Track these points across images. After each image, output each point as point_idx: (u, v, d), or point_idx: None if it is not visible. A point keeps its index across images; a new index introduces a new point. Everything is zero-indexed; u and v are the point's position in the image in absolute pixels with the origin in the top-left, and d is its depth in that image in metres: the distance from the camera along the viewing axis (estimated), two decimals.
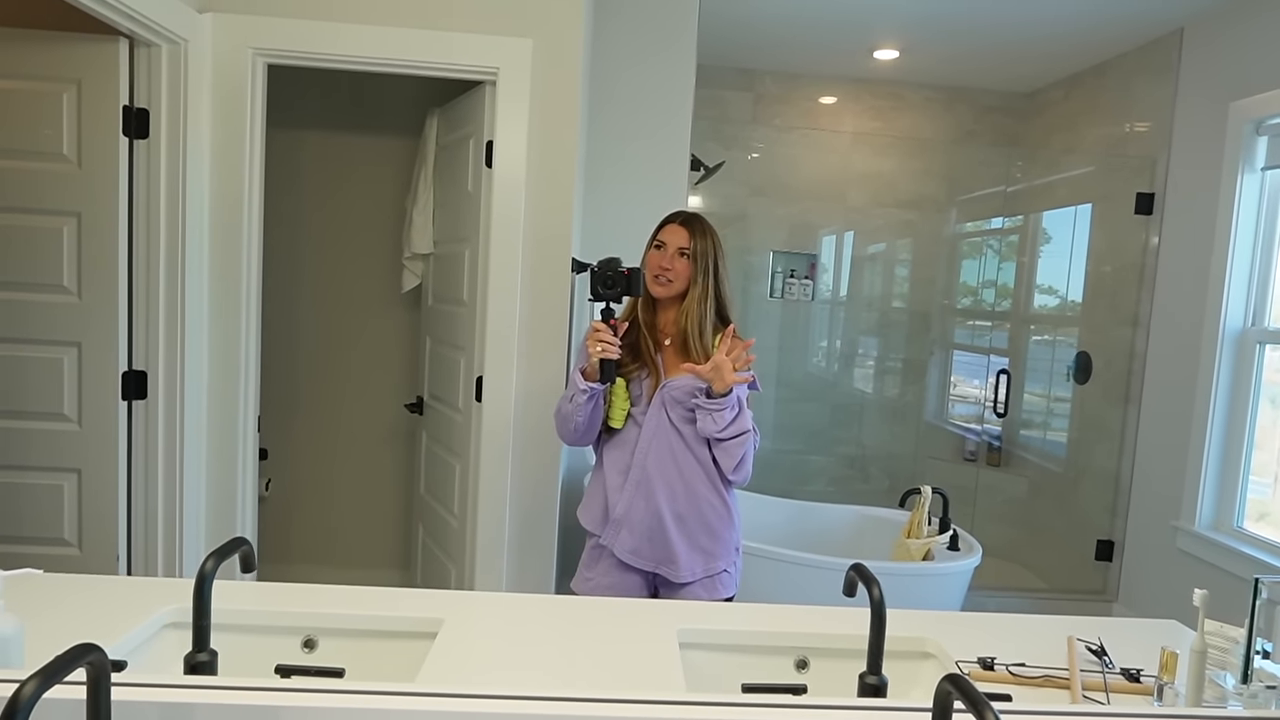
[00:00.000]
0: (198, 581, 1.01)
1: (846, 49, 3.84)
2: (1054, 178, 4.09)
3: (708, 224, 1.92)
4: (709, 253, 1.87)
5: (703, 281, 1.86)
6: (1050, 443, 4.08)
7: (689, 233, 1.87)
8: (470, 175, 2.54)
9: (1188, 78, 3.32)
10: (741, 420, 1.82)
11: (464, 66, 2.33)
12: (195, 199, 2.24)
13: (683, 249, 1.86)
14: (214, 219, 2.30)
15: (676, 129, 3.01)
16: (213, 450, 2.36)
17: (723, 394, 1.77)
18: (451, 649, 1.26)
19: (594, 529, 1.93)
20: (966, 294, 4.37)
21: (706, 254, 1.86)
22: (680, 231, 1.88)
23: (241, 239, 2.32)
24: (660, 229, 1.92)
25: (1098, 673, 1.32)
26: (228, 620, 1.34)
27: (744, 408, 1.83)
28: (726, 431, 1.81)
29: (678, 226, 1.89)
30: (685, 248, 1.86)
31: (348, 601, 1.41)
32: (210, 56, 2.25)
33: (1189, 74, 3.31)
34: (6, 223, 2.07)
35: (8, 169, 2.05)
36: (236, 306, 2.33)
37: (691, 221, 1.90)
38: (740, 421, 1.82)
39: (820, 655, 1.41)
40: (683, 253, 1.86)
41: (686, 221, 1.90)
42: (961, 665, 1.33)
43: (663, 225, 1.92)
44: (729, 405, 1.79)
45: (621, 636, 1.35)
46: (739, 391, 1.82)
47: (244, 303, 2.34)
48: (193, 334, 2.26)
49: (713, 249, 1.88)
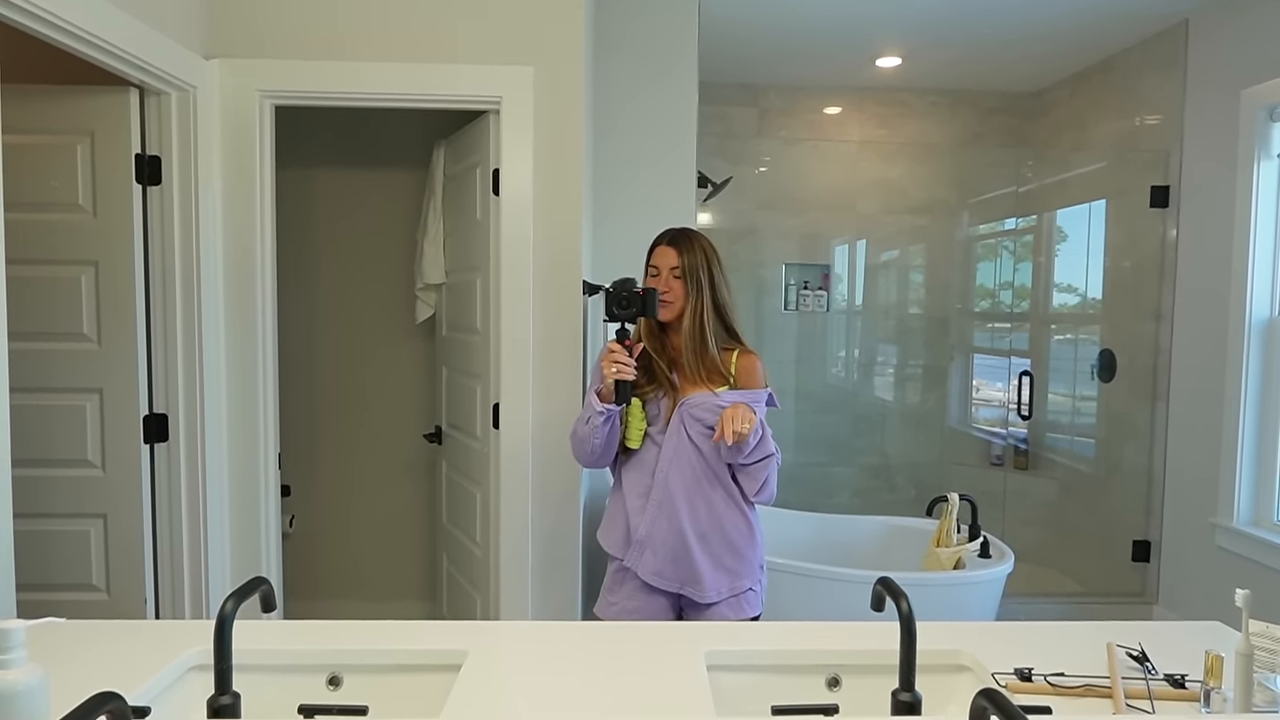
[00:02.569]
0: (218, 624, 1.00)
1: (849, 58, 3.84)
2: (1066, 175, 4.05)
3: (696, 236, 1.89)
4: (698, 266, 1.84)
5: (696, 297, 1.84)
6: (1078, 443, 4.02)
7: (677, 251, 1.86)
8: (478, 204, 2.56)
9: (1196, 68, 3.29)
10: (764, 444, 1.80)
11: (467, 97, 2.35)
12: (209, 242, 2.26)
13: (674, 269, 1.85)
14: (228, 260, 2.32)
15: (682, 147, 3.01)
16: (235, 489, 2.37)
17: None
18: (476, 681, 1.25)
19: (616, 552, 1.91)
20: (984, 296, 4.33)
21: (696, 268, 1.84)
22: (669, 252, 1.87)
23: (255, 279, 2.34)
24: (651, 252, 1.92)
25: (1140, 680, 1.28)
26: (252, 660, 1.33)
27: (766, 430, 1.81)
28: (751, 457, 1.79)
29: (665, 248, 1.88)
30: (675, 267, 1.85)
31: (371, 636, 1.40)
32: (218, 101, 2.29)
33: (1197, 65, 3.28)
34: (28, 274, 2.10)
35: (26, 221, 2.08)
36: (253, 346, 2.35)
37: (678, 239, 1.88)
38: (763, 445, 1.80)
39: (852, 672, 1.38)
40: (675, 273, 1.85)
41: (673, 240, 1.88)
42: (998, 677, 1.29)
43: (652, 249, 1.92)
44: (750, 432, 1.77)
45: (647, 661, 1.32)
46: (759, 413, 1.80)
47: (260, 342, 2.36)
48: (211, 375, 2.28)
49: (704, 261, 1.85)
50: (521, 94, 2.35)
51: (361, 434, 3.38)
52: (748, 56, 3.83)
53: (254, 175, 2.32)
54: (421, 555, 3.42)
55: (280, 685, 1.33)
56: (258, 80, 2.30)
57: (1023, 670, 1.30)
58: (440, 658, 1.36)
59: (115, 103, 2.15)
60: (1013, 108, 4.33)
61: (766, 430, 1.81)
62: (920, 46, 3.67)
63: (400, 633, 1.42)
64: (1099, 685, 1.26)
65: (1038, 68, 3.95)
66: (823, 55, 3.79)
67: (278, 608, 2.49)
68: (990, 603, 2.83)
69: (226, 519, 2.35)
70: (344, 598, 3.41)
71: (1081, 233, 3.97)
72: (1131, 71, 3.64)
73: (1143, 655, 1.35)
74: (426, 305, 3.08)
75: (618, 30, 2.97)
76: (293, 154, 3.26)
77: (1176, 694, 1.24)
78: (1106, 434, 3.83)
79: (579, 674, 1.28)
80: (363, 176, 3.33)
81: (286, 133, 3.20)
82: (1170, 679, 1.28)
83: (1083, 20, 3.35)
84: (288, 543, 3.31)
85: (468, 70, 2.33)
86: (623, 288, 1.78)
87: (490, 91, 2.34)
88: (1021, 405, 3.85)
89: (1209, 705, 1.17)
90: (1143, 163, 3.53)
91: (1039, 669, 1.31)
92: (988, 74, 4.05)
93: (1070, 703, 1.22)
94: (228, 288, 2.33)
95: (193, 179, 2.22)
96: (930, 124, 4.31)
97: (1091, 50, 3.71)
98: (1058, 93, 4.17)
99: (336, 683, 1.36)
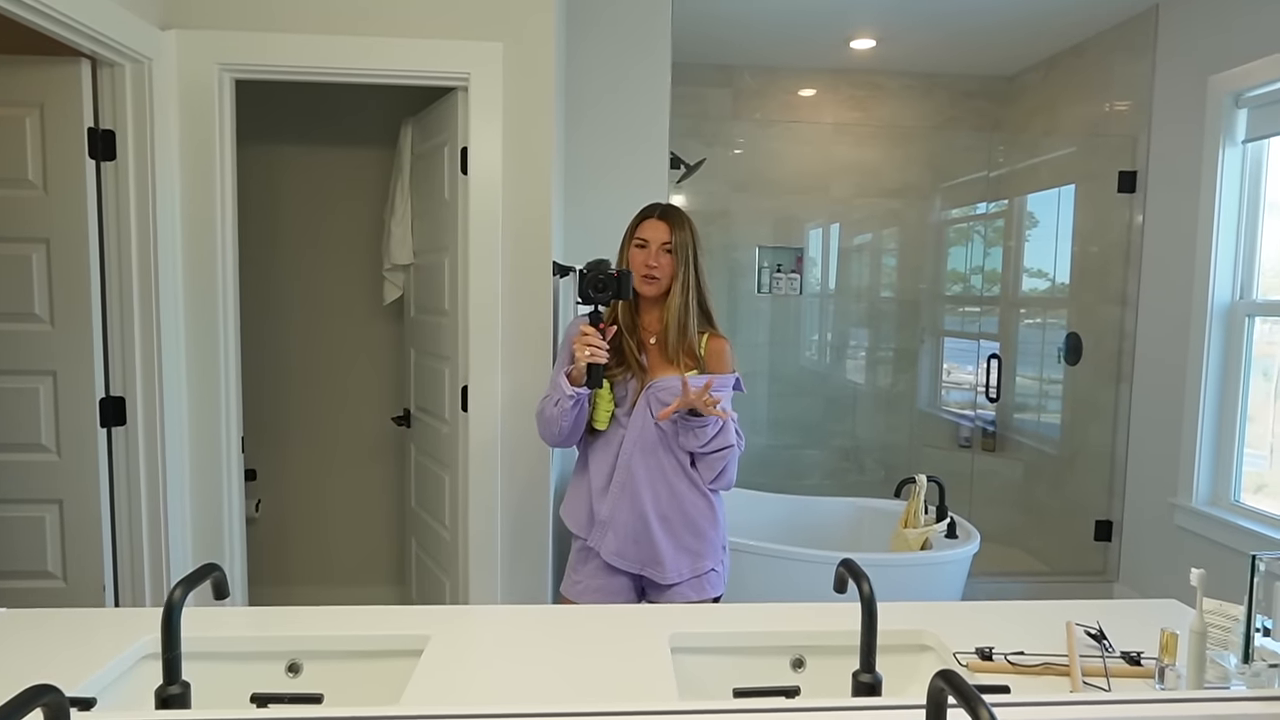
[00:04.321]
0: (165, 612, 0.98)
1: (823, 40, 3.82)
2: (1036, 160, 4.08)
3: (684, 214, 1.89)
4: (688, 243, 1.84)
5: (684, 273, 1.83)
6: (1044, 425, 4.07)
7: (669, 226, 1.85)
8: (446, 183, 2.51)
9: (1165, 54, 3.31)
10: (724, 435, 1.80)
11: (434, 73, 2.30)
12: (166, 219, 2.20)
13: (665, 244, 1.84)
14: (187, 238, 2.27)
15: (655, 128, 2.99)
16: (197, 474, 2.32)
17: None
18: (437, 666, 1.24)
19: (579, 531, 1.91)
20: (956, 280, 4.36)
21: (686, 245, 1.84)
22: (660, 226, 1.85)
23: (216, 258, 2.29)
24: (638, 225, 1.89)
25: (1098, 658, 1.30)
26: (209, 649, 1.31)
27: (728, 421, 1.81)
28: (708, 446, 1.79)
29: (657, 221, 1.86)
30: (667, 242, 1.84)
31: (332, 622, 1.38)
32: (176, 74, 2.22)
33: (1166, 50, 3.30)
34: None
35: None
36: (214, 326, 2.30)
37: (670, 214, 1.88)
38: (722, 436, 1.80)
39: (817, 653, 1.39)
40: (666, 248, 1.84)
41: (665, 215, 1.87)
42: (960, 656, 1.30)
43: (640, 221, 1.89)
44: (710, 422, 1.77)
45: (610, 645, 1.32)
46: (725, 398, 1.80)
47: (222, 322, 2.31)
48: (170, 357, 2.23)
49: (691, 239, 1.85)
50: (490, 71, 2.30)
51: (329, 417, 3.34)
52: (722, 37, 3.80)
53: (214, 151, 2.26)
54: (390, 539, 3.39)
55: (237, 673, 1.31)
56: (217, 53, 2.24)
57: (983, 649, 1.31)
58: (402, 643, 1.34)
59: (66, 74, 2.07)
60: (986, 91, 4.34)
61: (729, 421, 1.81)
62: (894, 28, 3.66)
63: (362, 618, 1.40)
64: (1057, 663, 1.28)
65: (1011, 51, 3.95)
66: (797, 36, 3.77)
67: (242, 594, 2.46)
68: (956, 582, 2.87)
69: (188, 504, 2.31)
70: (312, 583, 3.37)
71: (1051, 217, 4.00)
72: (1102, 56, 3.66)
73: (1100, 634, 1.37)
74: (394, 286, 3.03)
75: (590, 8, 2.92)
76: (256, 129, 3.18)
77: (1132, 671, 1.26)
78: (1071, 416, 3.88)
79: (541, 659, 1.27)
80: (329, 154, 3.26)
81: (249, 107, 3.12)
82: (1127, 656, 1.30)
83: (1056, 4, 3.35)
84: (254, 527, 3.27)
85: (435, 46, 2.28)
86: (598, 270, 1.75)
87: (458, 68, 2.30)
88: (990, 388, 3.89)
89: (1163, 682, 1.19)
90: (1111, 148, 3.55)
91: (1000, 648, 1.32)
92: (961, 57, 4.05)
93: (1029, 681, 1.23)
94: (187, 267, 2.27)
95: (149, 154, 2.16)
96: (904, 107, 4.31)
97: (1064, 34, 3.72)
98: (1030, 77, 4.18)
99: (296, 670, 1.34)
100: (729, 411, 1.80)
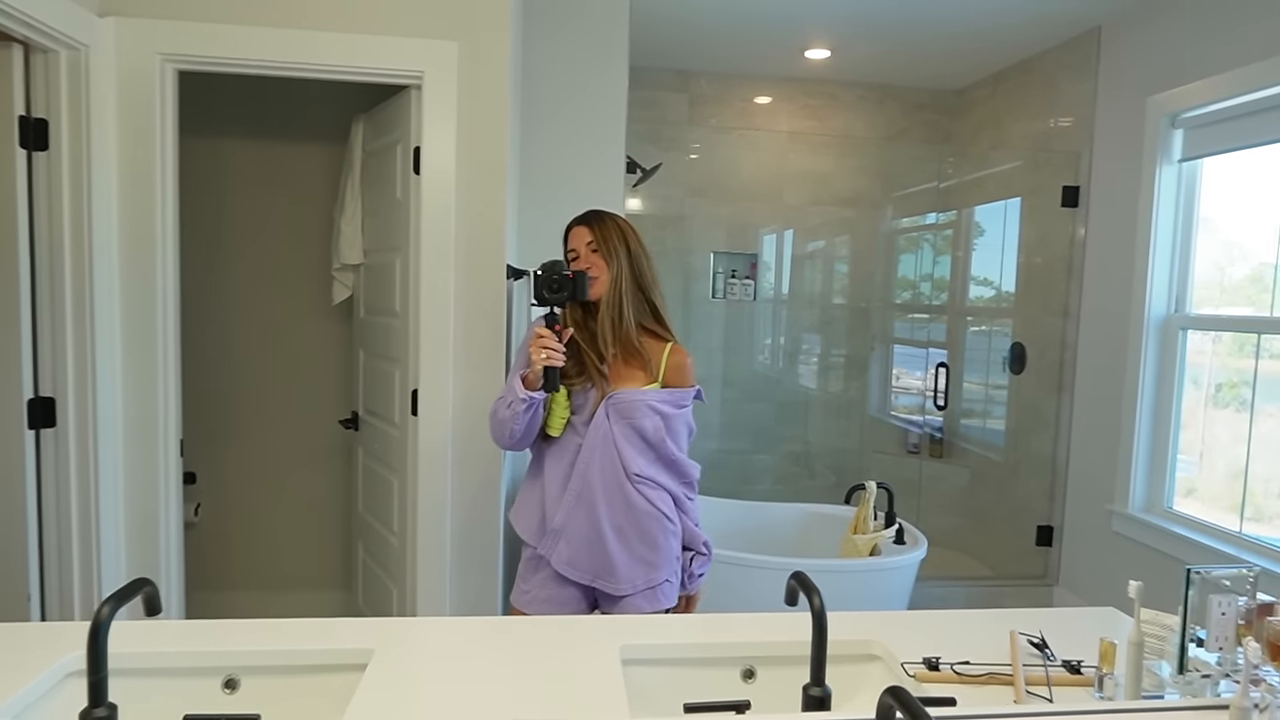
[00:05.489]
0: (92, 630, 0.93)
1: (778, 49, 3.85)
2: (984, 173, 4.18)
3: (608, 213, 1.90)
4: (611, 237, 1.84)
5: (614, 267, 1.82)
6: (990, 431, 4.17)
7: (588, 227, 1.86)
8: (398, 182, 2.46)
9: (1107, 74, 3.41)
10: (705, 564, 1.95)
11: (386, 71, 2.26)
12: (102, 213, 2.12)
13: (590, 244, 1.84)
14: (124, 234, 2.18)
15: (612, 132, 2.97)
16: (131, 478, 2.24)
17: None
18: (381, 681, 1.20)
19: (530, 539, 1.88)
20: (906, 287, 4.44)
21: (609, 238, 1.84)
22: (581, 230, 1.87)
23: (156, 253, 2.21)
24: (565, 238, 1.91)
25: (1040, 667, 1.32)
26: (141, 664, 1.26)
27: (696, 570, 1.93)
28: None
29: (578, 227, 1.88)
30: (590, 241, 1.84)
31: (271, 635, 1.33)
32: (114, 63, 2.14)
33: (1108, 70, 3.41)
34: None
35: None
36: (152, 325, 2.22)
37: (588, 217, 1.89)
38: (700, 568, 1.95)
39: (768, 664, 1.39)
40: (592, 248, 1.83)
41: (583, 219, 1.89)
42: (907, 667, 1.32)
43: (566, 234, 1.91)
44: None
45: (560, 659, 1.30)
46: (686, 411, 1.87)
47: (161, 320, 2.23)
48: (105, 356, 2.14)
49: (618, 234, 1.85)
50: (444, 70, 2.26)
51: (274, 419, 3.25)
52: (680, 42, 3.81)
53: (154, 144, 2.18)
54: (337, 545, 3.31)
55: (171, 690, 1.26)
56: (158, 42, 2.16)
57: (930, 660, 1.32)
58: (345, 657, 1.30)
59: None
60: (936, 104, 4.43)
61: (696, 571, 1.93)
62: (848, 40, 3.71)
63: (302, 631, 1.36)
64: (1001, 673, 1.30)
65: (960, 65, 4.04)
66: (754, 44, 3.80)
67: (179, 602, 2.37)
68: (904, 587, 2.92)
69: (121, 509, 2.22)
70: (255, 589, 3.28)
71: (998, 228, 4.11)
72: (1047, 74, 3.76)
73: (1043, 642, 1.40)
74: (344, 286, 2.97)
75: (548, 10, 2.90)
76: (201, 122, 3.09)
77: (1073, 680, 1.29)
78: (1016, 424, 3.98)
79: (489, 673, 1.25)
80: (278, 149, 3.18)
81: (194, 99, 3.03)
82: (1068, 665, 1.33)
83: (1003, 21, 3.44)
84: (194, 532, 3.16)
85: (388, 43, 2.24)
86: (553, 270, 1.74)
87: (411, 66, 2.25)
88: (938, 395, 3.97)
89: (1102, 690, 1.22)
90: (1055, 163, 3.66)
91: (946, 657, 1.34)
92: (913, 70, 4.12)
93: (974, 691, 1.25)
94: (124, 262, 2.19)
95: (84, 145, 2.07)
96: (857, 117, 4.37)
97: (1011, 51, 3.81)
98: (978, 91, 4.28)
99: (233, 686, 1.30)
100: (688, 419, 1.87)
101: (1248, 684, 1.01)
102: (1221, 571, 1.14)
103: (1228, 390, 2.95)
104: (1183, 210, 3.09)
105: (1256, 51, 2.70)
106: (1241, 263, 2.92)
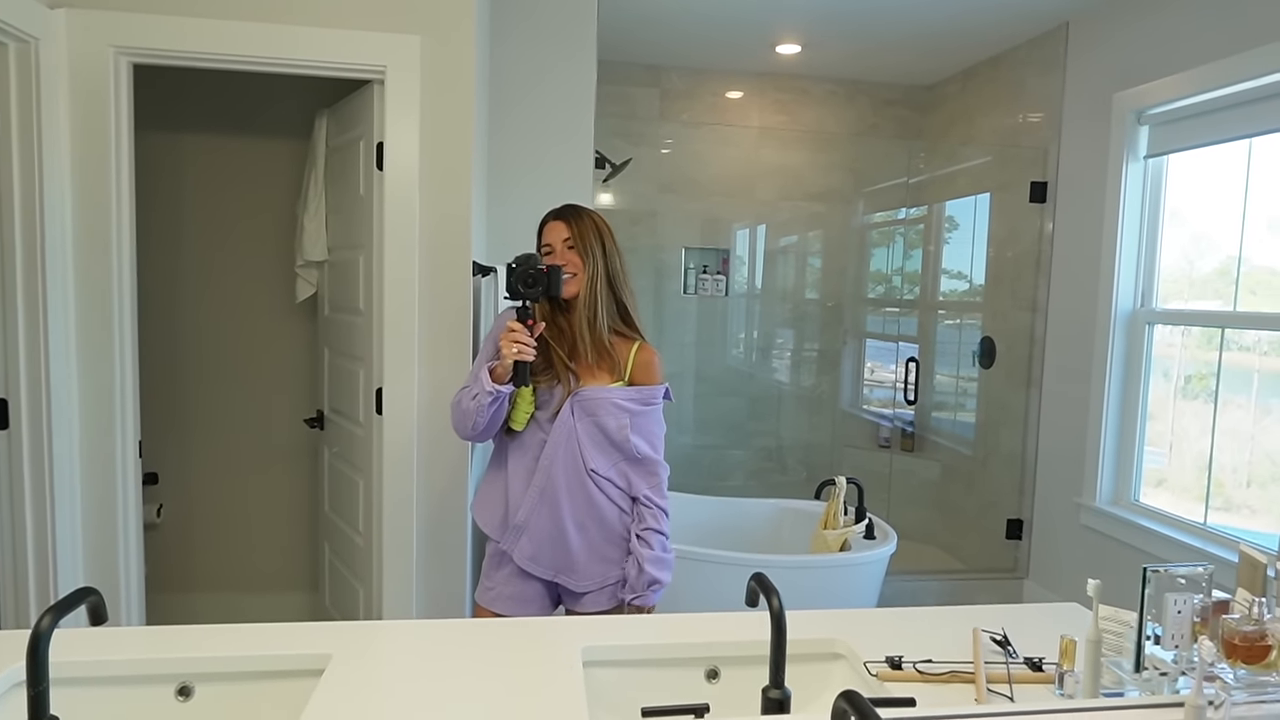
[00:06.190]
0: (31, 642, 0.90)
1: (749, 44, 3.84)
2: (954, 168, 4.20)
3: (585, 210, 1.88)
4: (589, 235, 1.82)
5: (590, 265, 1.81)
6: (960, 425, 4.20)
7: (566, 222, 1.84)
8: (362, 179, 2.43)
9: (1074, 70, 3.44)
10: (657, 571, 1.81)
11: (348, 65, 2.21)
12: (55, 209, 2.06)
13: (566, 240, 1.82)
14: (79, 230, 2.13)
15: (581, 126, 2.95)
16: (89, 479, 2.19)
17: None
18: (337, 687, 1.18)
19: (492, 532, 1.87)
20: (878, 281, 4.45)
21: (586, 235, 1.82)
22: (558, 225, 1.84)
23: (111, 250, 2.15)
24: (540, 232, 1.88)
25: (1002, 664, 1.33)
26: (90, 673, 1.22)
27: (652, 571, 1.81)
28: None
29: (554, 222, 1.86)
30: (568, 238, 1.82)
31: (226, 641, 1.31)
32: (66, 56, 2.08)
33: (1075, 67, 3.43)
34: None
35: None
36: (108, 323, 2.17)
37: (566, 212, 1.86)
38: (659, 569, 1.81)
39: (731, 664, 1.38)
40: (568, 244, 1.81)
41: (560, 214, 1.86)
42: (870, 665, 1.31)
43: (541, 228, 1.89)
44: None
45: (521, 662, 1.28)
46: (656, 409, 1.84)
47: (117, 319, 2.17)
48: (58, 356, 2.09)
49: (594, 231, 1.83)
50: (407, 65, 2.23)
51: (238, 418, 3.20)
52: (650, 37, 3.79)
53: (108, 138, 2.13)
54: (303, 545, 3.27)
55: (122, 699, 1.23)
56: (112, 35, 2.10)
57: (893, 658, 1.32)
58: (301, 662, 1.28)
59: None
60: (907, 100, 4.44)
61: (651, 569, 1.81)
62: (819, 36, 3.71)
63: (259, 636, 1.33)
64: (964, 671, 1.30)
65: (931, 61, 4.06)
66: (724, 39, 3.78)
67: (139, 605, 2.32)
68: (874, 583, 2.93)
69: (78, 512, 2.17)
70: (220, 591, 3.23)
71: (968, 223, 4.13)
72: (1016, 69, 3.79)
73: (1005, 640, 1.41)
74: (307, 283, 2.92)
75: (513, 4, 2.86)
76: (159, 116, 3.02)
77: (1034, 677, 1.30)
78: (985, 417, 4.02)
79: (447, 677, 1.23)
80: (239, 144, 3.12)
81: (151, 92, 2.97)
82: (1029, 662, 1.33)
83: (973, 17, 3.45)
84: (155, 534, 3.11)
85: (349, 36, 2.20)
86: (528, 264, 1.71)
87: (373, 60, 2.21)
88: (908, 389, 3.99)
89: (1063, 687, 1.22)
90: (1024, 159, 3.68)
91: (909, 655, 1.34)
92: (883, 65, 4.13)
93: (936, 690, 1.25)
94: (79, 260, 2.13)
95: (35, 140, 2.01)
96: (828, 113, 4.38)
97: (981, 46, 3.83)
98: (949, 87, 4.30)
99: (187, 693, 1.27)
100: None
101: (1202, 681, 1.02)
102: (1178, 569, 1.15)
103: (1197, 382, 2.98)
104: (1149, 206, 3.13)
105: (1220, 49, 2.74)
106: (1210, 255, 2.95)
